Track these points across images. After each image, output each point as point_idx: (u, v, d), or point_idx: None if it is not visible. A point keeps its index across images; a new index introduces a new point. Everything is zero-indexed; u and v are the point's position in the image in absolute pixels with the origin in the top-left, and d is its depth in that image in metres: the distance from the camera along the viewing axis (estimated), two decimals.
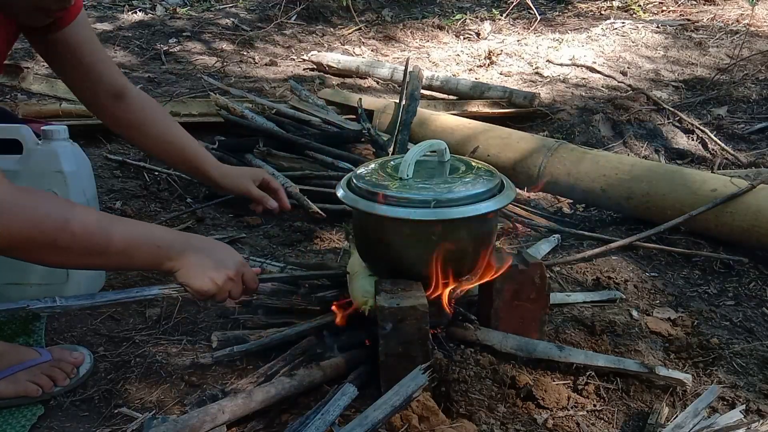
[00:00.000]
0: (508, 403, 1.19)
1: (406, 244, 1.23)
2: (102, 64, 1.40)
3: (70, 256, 1.04)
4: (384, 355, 1.15)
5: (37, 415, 1.19)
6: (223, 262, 1.13)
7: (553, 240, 1.91)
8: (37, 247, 1.00)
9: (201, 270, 1.11)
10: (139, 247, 1.08)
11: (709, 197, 1.83)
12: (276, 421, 1.15)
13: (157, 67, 3.67)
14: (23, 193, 0.99)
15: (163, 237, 1.11)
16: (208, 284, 1.11)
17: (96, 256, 1.06)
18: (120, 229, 1.07)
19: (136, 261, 1.09)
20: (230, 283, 1.14)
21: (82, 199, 1.50)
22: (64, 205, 1.06)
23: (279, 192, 1.58)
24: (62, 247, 1.01)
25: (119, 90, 1.42)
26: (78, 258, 1.05)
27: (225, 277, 1.12)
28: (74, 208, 1.06)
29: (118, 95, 1.42)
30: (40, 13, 1.19)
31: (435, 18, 5.12)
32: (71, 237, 1.01)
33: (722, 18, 4.62)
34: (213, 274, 1.11)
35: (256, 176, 1.57)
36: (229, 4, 5.36)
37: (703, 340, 1.42)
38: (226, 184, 1.54)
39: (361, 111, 2.79)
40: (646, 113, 3.01)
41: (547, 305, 1.33)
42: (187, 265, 1.10)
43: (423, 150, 1.28)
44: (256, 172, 1.59)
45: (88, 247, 1.03)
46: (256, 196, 1.55)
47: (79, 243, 1.02)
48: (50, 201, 1.03)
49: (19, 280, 1.48)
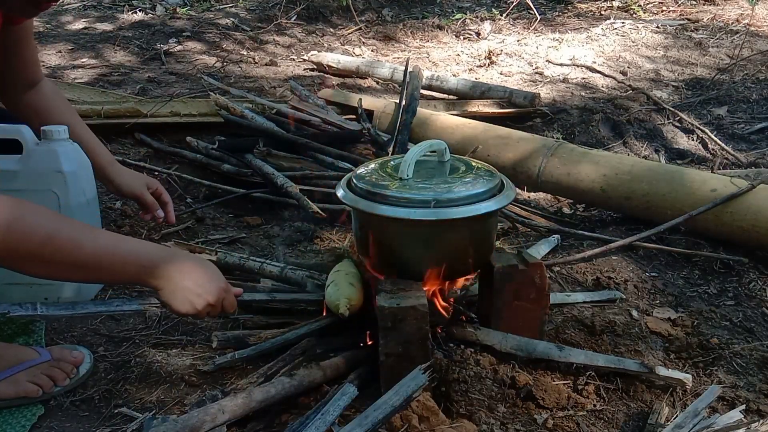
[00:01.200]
0: (508, 403, 1.19)
1: (406, 244, 1.23)
2: (32, 58, 1.54)
3: (55, 269, 1.05)
4: (384, 355, 1.15)
5: (37, 415, 1.19)
6: (205, 288, 1.14)
7: (553, 240, 1.91)
8: (20, 258, 1.01)
9: (182, 294, 1.13)
10: (124, 263, 1.09)
11: (709, 197, 1.83)
12: (276, 421, 1.15)
13: (157, 67, 3.67)
14: (11, 203, 0.99)
15: (149, 255, 1.12)
16: (187, 308, 1.14)
17: (81, 271, 1.07)
18: (105, 244, 1.08)
19: (120, 277, 1.12)
20: (209, 308, 1.16)
21: (82, 199, 1.50)
22: (51, 218, 1.05)
23: (168, 205, 1.67)
24: (46, 260, 1.02)
25: (34, 80, 1.54)
26: (63, 271, 1.07)
27: (204, 303, 1.14)
28: (61, 222, 1.07)
29: (32, 84, 1.54)
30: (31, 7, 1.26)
31: (435, 18, 5.11)
32: (56, 251, 1.02)
33: (722, 18, 4.62)
34: (194, 299, 1.13)
35: (150, 184, 1.65)
36: (229, 4, 5.36)
37: (703, 340, 1.42)
38: (120, 183, 1.60)
39: (361, 111, 2.79)
40: (646, 113, 3.01)
41: (547, 305, 1.32)
42: (170, 285, 1.12)
43: (423, 150, 1.28)
44: (150, 180, 1.67)
45: (72, 262, 1.05)
46: (149, 202, 1.63)
47: (64, 257, 1.03)
48: (37, 213, 1.03)
49: (19, 280, 1.47)
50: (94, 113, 2.55)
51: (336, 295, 1.28)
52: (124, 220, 1.97)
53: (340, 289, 1.29)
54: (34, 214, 1.02)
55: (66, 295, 1.52)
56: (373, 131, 2.56)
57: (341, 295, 1.27)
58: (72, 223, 1.09)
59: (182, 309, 1.13)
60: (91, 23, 4.47)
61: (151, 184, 1.65)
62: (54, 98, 1.59)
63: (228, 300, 1.20)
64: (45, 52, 3.73)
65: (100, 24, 4.45)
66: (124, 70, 3.54)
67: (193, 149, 2.49)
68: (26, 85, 1.54)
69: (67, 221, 1.10)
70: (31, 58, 1.54)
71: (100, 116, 2.56)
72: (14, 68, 1.50)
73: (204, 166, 2.42)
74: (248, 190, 2.23)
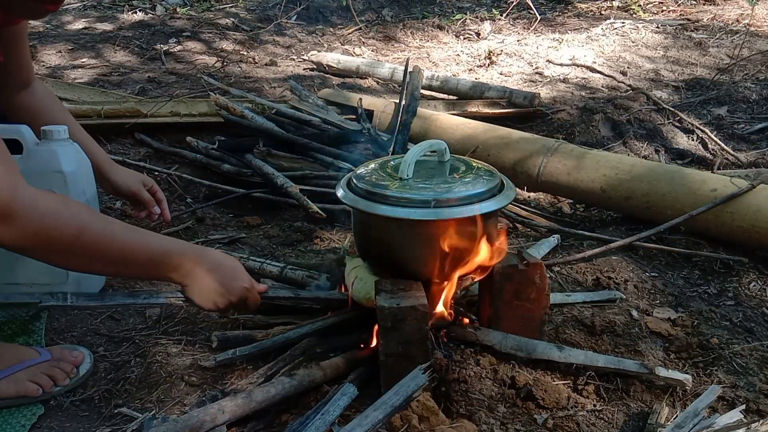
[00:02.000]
0: (508, 403, 1.19)
1: (406, 244, 1.23)
2: (26, 59, 1.53)
3: (85, 261, 1.07)
4: (384, 355, 1.15)
5: (37, 414, 1.19)
6: (229, 288, 1.18)
7: (553, 240, 1.91)
8: (52, 251, 1.03)
9: (207, 293, 1.17)
10: (150, 259, 1.12)
11: (709, 197, 1.83)
12: (276, 421, 1.15)
13: (157, 67, 3.67)
14: (45, 196, 1.02)
15: (177, 251, 1.15)
16: (211, 306, 1.19)
17: (110, 264, 1.10)
18: (135, 239, 1.11)
19: (147, 272, 1.15)
20: (232, 306, 1.20)
21: (82, 199, 1.50)
22: (84, 212, 1.07)
23: (163, 203, 1.68)
24: (78, 253, 1.04)
25: (27, 80, 1.54)
26: (91, 264, 1.09)
27: (227, 302, 1.19)
28: (93, 216, 1.09)
29: (25, 85, 1.54)
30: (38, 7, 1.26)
31: (435, 18, 5.12)
32: (87, 244, 1.04)
33: (722, 18, 4.62)
34: (217, 298, 1.18)
35: (146, 181, 1.67)
36: (229, 4, 5.36)
37: (703, 340, 1.42)
38: (116, 181, 1.61)
39: (361, 111, 2.79)
40: (646, 113, 3.01)
41: (547, 305, 1.32)
42: (196, 283, 1.16)
43: (423, 150, 1.28)
44: (146, 178, 1.69)
45: (102, 255, 1.07)
46: (145, 198, 1.64)
47: (95, 251, 1.06)
48: (72, 207, 1.05)
49: (19, 280, 1.48)
50: (94, 113, 2.56)
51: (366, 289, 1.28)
52: (124, 220, 1.96)
53: (368, 282, 1.28)
54: (68, 207, 1.04)
55: None
56: (373, 131, 2.56)
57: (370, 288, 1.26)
58: (103, 218, 1.12)
59: (206, 307, 1.19)
60: (91, 23, 4.47)
61: (146, 182, 1.67)
62: (47, 99, 1.59)
63: (251, 298, 1.23)
64: (45, 52, 3.73)
65: (100, 24, 4.45)
66: (124, 70, 3.54)
67: (193, 149, 2.49)
68: (20, 86, 1.54)
69: (98, 216, 1.12)
70: (25, 59, 1.53)
71: (100, 116, 2.56)
72: (8, 69, 1.49)
73: (204, 166, 2.42)
74: (248, 190, 2.23)
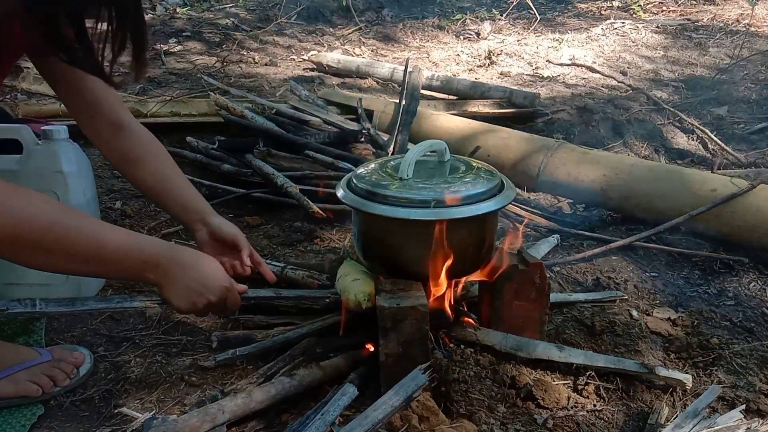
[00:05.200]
0: (508, 403, 1.19)
1: (406, 244, 1.23)
2: (102, 92, 1.34)
3: (55, 259, 1.01)
4: (384, 355, 1.15)
5: (37, 414, 1.19)
6: (207, 287, 1.12)
7: (553, 240, 1.91)
8: (21, 247, 0.98)
9: (184, 292, 1.11)
10: (125, 257, 1.06)
11: (709, 197, 1.83)
12: (276, 421, 1.15)
13: (157, 67, 3.67)
14: (14, 190, 0.97)
15: (152, 249, 1.09)
16: (188, 306, 1.12)
17: (82, 263, 1.04)
18: (107, 235, 1.06)
19: (121, 271, 1.09)
20: (211, 306, 1.14)
21: (82, 199, 1.50)
22: (56, 208, 1.03)
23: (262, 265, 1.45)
24: (47, 249, 0.99)
25: (118, 120, 1.37)
26: (63, 263, 1.03)
27: (206, 302, 1.13)
28: (63, 210, 1.04)
29: (116, 125, 1.37)
30: None
31: (435, 18, 5.12)
32: (57, 239, 0.99)
33: (722, 18, 4.63)
34: (195, 297, 1.12)
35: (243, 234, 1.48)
36: (229, 4, 5.36)
37: (703, 340, 1.42)
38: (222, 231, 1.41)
39: (361, 111, 2.79)
40: (646, 113, 3.01)
41: (547, 305, 1.32)
42: (171, 282, 1.10)
43: (423, 150, 1.28)
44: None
45: (73, 253, 1.02)
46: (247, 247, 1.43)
47: (66, 246, 1.01)
48: (41, 202, 1.01)
49: (19, 280, 1.48)
50: None
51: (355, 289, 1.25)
52: (124, 220, 1.97)
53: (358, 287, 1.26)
54: (39, 202, 1.00)
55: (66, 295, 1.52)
56: (373, 131, 2.56)
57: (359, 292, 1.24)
58: (75, 213, 1.07)
59: (183, 307, 1.12)
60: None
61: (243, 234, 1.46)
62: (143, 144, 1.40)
63: (231, 298, 1.18)
64: None
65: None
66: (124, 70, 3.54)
67: (193, 149, 2.49)
68: (109, 126, 1.36)
69: (69, 211, 1.07)
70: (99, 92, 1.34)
71: None
72: (83, 105, 1.34)
73: (204, 166, 2.42)
74: (248, 190, 2.22)
